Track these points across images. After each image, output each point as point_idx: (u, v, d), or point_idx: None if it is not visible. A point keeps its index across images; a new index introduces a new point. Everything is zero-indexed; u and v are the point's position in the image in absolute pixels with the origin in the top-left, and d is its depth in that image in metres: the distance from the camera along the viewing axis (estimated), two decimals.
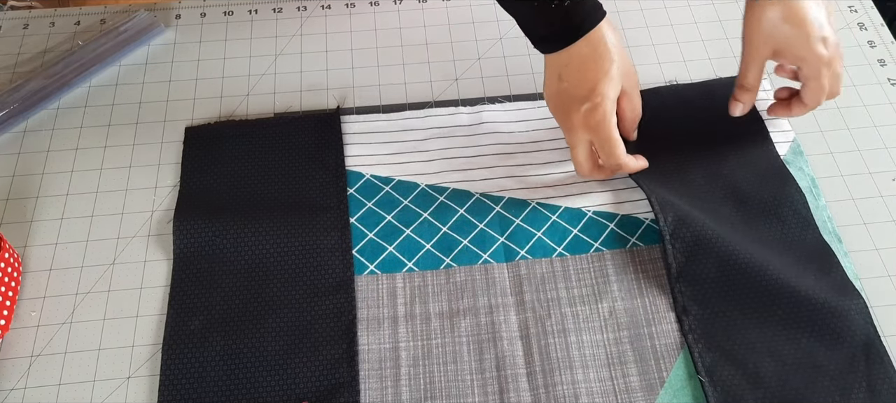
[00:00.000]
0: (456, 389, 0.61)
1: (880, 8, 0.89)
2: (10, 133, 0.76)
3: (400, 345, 0.63)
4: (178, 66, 0.82)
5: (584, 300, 0.66)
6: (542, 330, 0.64)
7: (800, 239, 0.68)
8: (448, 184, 0.73)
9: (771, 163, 0.74)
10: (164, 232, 0.69)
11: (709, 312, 0.64)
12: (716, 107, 0.76)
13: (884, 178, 0.74)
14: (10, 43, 0.84)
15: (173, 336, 0.63)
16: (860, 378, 0.61)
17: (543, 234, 0.69)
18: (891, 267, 0.68)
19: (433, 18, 0.87)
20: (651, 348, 0.63)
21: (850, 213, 0.72)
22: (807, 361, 0.62)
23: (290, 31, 0.86)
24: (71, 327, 0.64)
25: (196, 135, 0.76)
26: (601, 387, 0.61)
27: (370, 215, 0.71)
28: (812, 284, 0.65)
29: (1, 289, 0.63)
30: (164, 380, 0.61)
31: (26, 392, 0.61)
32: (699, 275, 0.66)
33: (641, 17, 0.88)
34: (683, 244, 0.67)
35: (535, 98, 0.79)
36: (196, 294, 0.65)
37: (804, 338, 0.63)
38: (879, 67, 0.83)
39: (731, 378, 0.61)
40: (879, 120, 0.78)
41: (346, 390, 0.61)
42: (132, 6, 0.87)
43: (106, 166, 0.74)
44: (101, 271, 0.67)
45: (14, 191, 0.72)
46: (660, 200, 0.69)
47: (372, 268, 0.68)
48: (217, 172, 0.73)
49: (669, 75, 0.82)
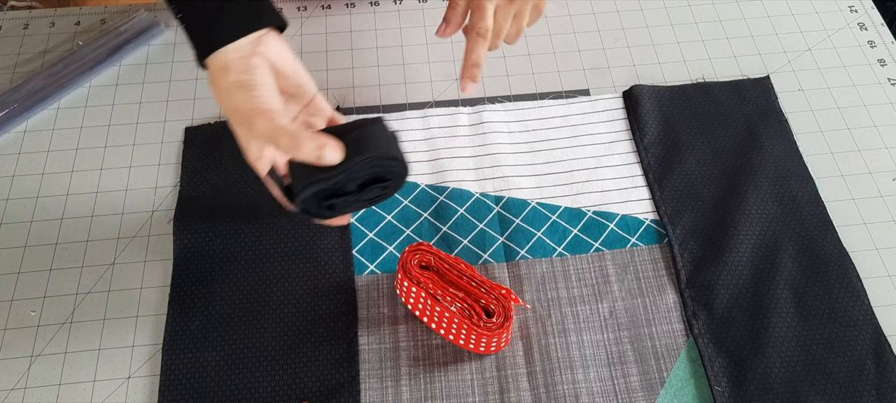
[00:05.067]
0: (456, 389, 0.61)
1: (880, 8, 0.89)
2: (10, 133, 0.76)
3: (400, 345, 0.63)
4: (177, 65, 0.82)
5: (584, 300, 0.66)
6: (542, 330, 0.64)
7: (819, 242, 0.69)
8: (448, 184, 0.73)
9: (792, 162, 0.74)
10: (164, 232, 0.69)
11: (718, 317, 0.64)
12: (740, 107, 0.77)
13: (884, 178, 0.74)
14: (10, 43, 0.83)
15: (173, 336, 0.63)
16: (869, 384, 0.61)
17: (543, 234, 0.69)
18: (891, 267, 0.68)
19: (433, 18, 0.87)
20: (651, 348, 0.63)
21: (850, 213, 0.72)
22: (816, 367, 0.62)
23: (289, 31, 0.85)
24: (71, 327, 0.64)
25: (196, 135, 0.76)
26: (601, 387, 0.61)
27: (370, 215, 0.71)
28: (822, 290, 0.65)
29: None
30: (164, 380, 0.61)
31: (26, 392, 0.61)
32: (708, 282, 0.66)
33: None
34: (692, 253, 0.68)
35: (535, 98, 0.79)
36: (196, 294, 0.65)
37: (813, 344, 0.63)
38: (879, 67, 0.83)
39: (740, 383, 0.61)
40: (879, 120, 0.78)
41: (346, 390, 0.61)
42: (132, 6, 0.87)
43: (106, 166, 0.74)
44: (101, 271, 0.67)
45: (14, 191, 0.72)
46: (669, 211, 0.70)
47: (372, 268, 0.68)
48: (217, 172, 0.73)
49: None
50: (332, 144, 0.50)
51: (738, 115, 0.77)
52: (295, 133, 0.49)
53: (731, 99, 0.79)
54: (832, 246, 0.68)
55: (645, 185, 0.73)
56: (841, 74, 0.82)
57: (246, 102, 0.51)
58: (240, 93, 0.51)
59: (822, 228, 0.69)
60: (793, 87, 0.81)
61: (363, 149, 0.51)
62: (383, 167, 0.52)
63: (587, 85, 0.81)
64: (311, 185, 0.50)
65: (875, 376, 0.61)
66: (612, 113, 0.78)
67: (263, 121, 0.50)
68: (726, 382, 0.61)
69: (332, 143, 0.50)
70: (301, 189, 0.50)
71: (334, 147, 0.50)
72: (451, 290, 0.61)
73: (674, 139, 0.75)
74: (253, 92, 0.51)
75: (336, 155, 0.50)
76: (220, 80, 0.52)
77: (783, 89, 0.80)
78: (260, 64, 0.52)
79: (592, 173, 0.74)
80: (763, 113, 0.77)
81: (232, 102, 0.52)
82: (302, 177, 0.50)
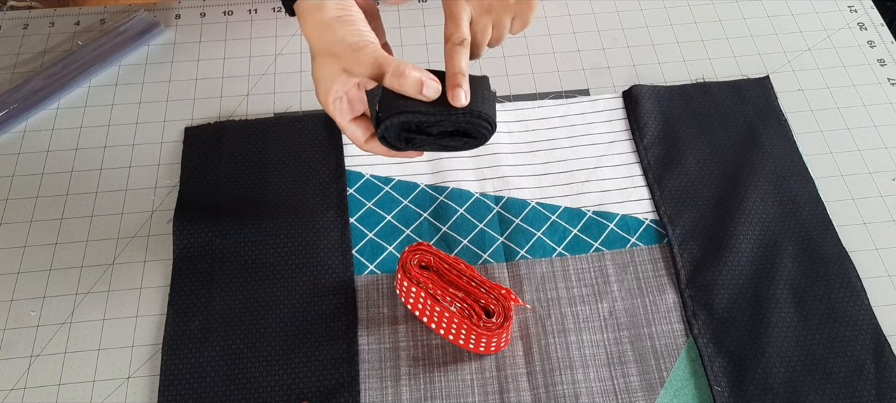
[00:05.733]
0: (456, 389, 0.61)
1: (880, 8, 0.89)
2: (10, 133, 0.76)
3: (400, 345, 0.63)
4: (177, 66, 0.82)
5: (584, 300, 0.66)
6: (541, 330, 0.64)
7: (818, 242, 0.69)
8: (448, 184, 0.73)
9: (792, 162, 0.74)
10: (164, 232, 0.69)
11: (718, 317, 0.64)
12: (739, 107, 0.77)
13: (884, 178, 0.74)
14: (10, 43, 0.83)
15: (173, 336, 0.63)
16: (869, 384, 0.61)
17: (543, 234, 0.69)
18: (891, 267, 0.68)
19: (433, 18, 0.87)
20: (651, 348, 0.63)
21: (850, 213, 0.72)
22: (816, 367, 0.62)
23: (289, 31, 0.85)
24: (71, 327, 0.64)
25: (196, 135, 0.76)
26: (601, 387, 0.61)
27: (370, 215, 0.71)
28: (822, 290, 0.65)
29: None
30: (164, 380, 0.61)
31: (26, 392, 0.61)
32: (708, 282, 0.66)
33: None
34: (692, 253, 0.68)
35: (535, 98, 0.79)
36: (196, 294, 0.65)
37: (813, 344, 0.63)
38: (879, 67, 0.83)
39: (740, 383, 0.61)
40: (879, 120, 0.78)
41: (346, 390, 0.61)
42: (132, 6, 0.87)
43: (106, 166, 0.74)
44: (101, 271, 0.67)
45: (14, 191, 0.72)
46: (669, 212, 0.70)
47: (372, 268, 0.68)
48: (217, 172, 0.73)
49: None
50: (433, 82, 0.52)
51: (737, 115, 0.77)
52: (401, 64, 0.52)
53: (731, 99, 0.79)
54: (832, 246, 0.68)
55: (644, 185, 0.73)
56: (840, 74, 0.82)
57: (351, 35, 0.53)
58: (342, 26, 0.53)
59: (822, 228, 0.69)
60: (792, 87, 0.81)
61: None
62: (474, 125, 0.53)
63: (587, 85, 0.81)
64: (402, 114, 0.52)
65: (875, 376, 0.61)
66: (612, 113, 0.78)
67: (369, 52, 0.52)
68: (726, 382, 0.61)
69: (433, 81, 0.52)
70: (392, 114, 0.52)
71: (434, 85, 0.52)
72: (450, 290, 0.61)
73: (673, 139, 0.75)
74: (355, 26, 0.53)
75: (434, 93, 0.52)
76: (317, 17, 0.53)
77: (783, 89, 0.80)
78: (351, 0, 0.55)
79: (592, 173, 0.74)
80: (763, 113, 0.78)
81: (335, 35, 0.53)
82: (392, 106, 0.52)
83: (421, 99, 0.52)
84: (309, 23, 0.54)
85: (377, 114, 0.53)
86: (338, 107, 0.55)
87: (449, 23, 0.57)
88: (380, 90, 0.53)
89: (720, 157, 0.74)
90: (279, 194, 0.72)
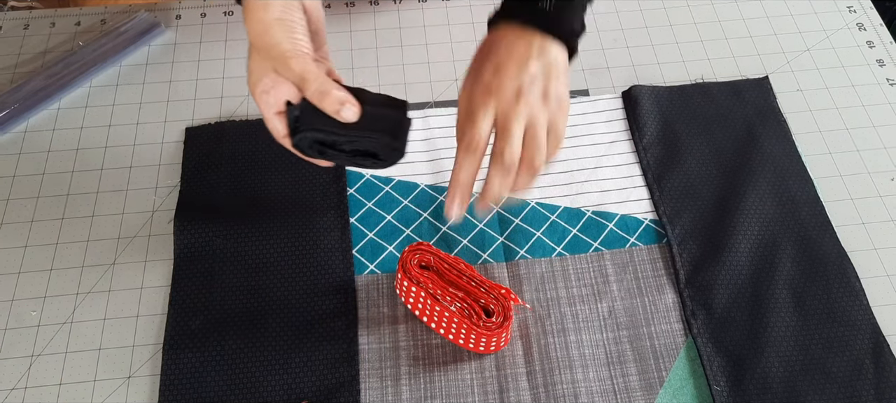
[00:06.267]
0: (455, 388, 0.61)
1: (879, 8, 0.89)
2: (10, 133, 0.77)
3: (400, 345, 0.63)
4: (178, 66, 0.82)
5: (583, 299, 0.66)
6: (541, 330, 0.64)
7: (817, 242, 0.69)
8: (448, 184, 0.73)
9: (791, 162, 0.74)
10: (165, 232, 0.70)
11: (717, 317, 0.64)
12: (739, 108, 0.77)
13: (882, 178, 0.74)
14: (10, 43, 0.84)
15: (173, 336, 0.63)
16: (868, 384, 0.61)
17: (543, 234, 0.70)
18: (889, 266, 0.68)
19: (433, 18, 0.87)
20: (651, 347, 0.63)
21: (850, 213, 0.72)
22: (815, 366, 0.62)
23: None
24: (71, 327, 0.64)
25: (196, 135, 0.76)
26: (601, 386, 0.61)
27: (370, 215, 0.71)
28: (821, 290, 0.66)
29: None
30: (165, 380, 0.61)
31: (26, 392, 0.61)
32: (707, 282, 0.66)
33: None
34: (691, 253, 0.68)
35: None
36: (196, 294, 0.65)
37: (812, 344, 0.63)
38: (878, 67, 0.83)
39: (739, 383, 0.61)
40: (879, 120, 0.79)
41: (346, 390, 0.61)
42: (132, 7, 0.87)
43: (106, 166, 0.74)
44: (101, 271, 0.67)
45: (14, 191, 0.72)
46: (668, 212, 0.70)
47: (372, 268, 0.68)
48: (217, 172, 0.73)
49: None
50: (353, 107, 0.53)
51: (737, 116, 0.77)
52: (325, 82, 0.52)
53: (730, 99, 0.79)
54: (831, 246, 0.68)
55: (644, 185, 0.73)
56: (839, 75, 0.82)
57: (286, 41, 0.53)
58: (280, 30, 0.53)
59: (821, 228, 0.70)
60: (791, 88, 0.81)
61: (376, 126, 0.54)
62: (384, 151, 0.55)
63: (586, 85, 0.81)
64: (316, 131, 0.53)
65: (873, 375, 0.62)
66: (612, 113, 0.78)
67: (299, 62, 0.52)
68: (725, 381, 0.61)
69: (353, 106, 0.53)
70: (306, 129, 0.53)
71: (353, 109, 0.53)
72: (450, 290, 0.61)
73: (673, 139, 0.76)
74: (293, 33, 0.53)
75: (352, 117, 0.53)
76: (260, 15, 0.53)
77: (782, 89, 0.81)
78: (298, 5, 0.55)
79: (592, 173, 0.74)
80: (762, 113, 0.78)
81: (271, 38, 0.53)
82: (310, 120, 0.53)
83: (338, 119, 0.53)
84: (252, 19, 0.54)
85: (295, 121, 0.54)
86: (264, 99, 0.55)
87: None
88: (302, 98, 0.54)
89: (719, 157, 0.74)
90: (280, 194, 0.72)
